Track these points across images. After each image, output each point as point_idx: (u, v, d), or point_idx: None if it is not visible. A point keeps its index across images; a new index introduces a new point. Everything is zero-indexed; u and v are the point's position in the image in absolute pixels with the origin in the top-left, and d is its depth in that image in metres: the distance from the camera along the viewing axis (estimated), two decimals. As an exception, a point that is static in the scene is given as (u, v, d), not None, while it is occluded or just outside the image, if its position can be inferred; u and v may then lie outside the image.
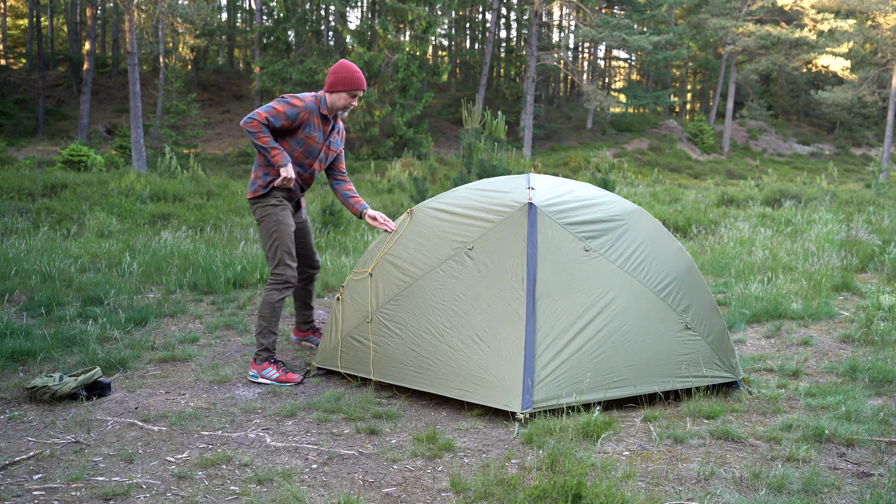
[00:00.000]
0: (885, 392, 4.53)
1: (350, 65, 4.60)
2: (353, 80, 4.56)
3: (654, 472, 3.38)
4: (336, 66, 4.60)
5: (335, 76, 4.55)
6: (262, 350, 4.64)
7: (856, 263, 8.44)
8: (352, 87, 4.56)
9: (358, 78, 4.57)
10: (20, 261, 7.08)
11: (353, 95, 4.59)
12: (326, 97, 4.62)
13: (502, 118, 8.70)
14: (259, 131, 4.43)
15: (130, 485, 3.16)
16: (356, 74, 4.57)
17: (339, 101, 4.60)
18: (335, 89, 4.57)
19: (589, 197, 4.61)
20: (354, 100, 4.63)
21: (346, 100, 4.60)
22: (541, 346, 3.99)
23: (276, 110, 4.45)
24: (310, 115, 4.56)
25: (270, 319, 4.64)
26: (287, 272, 4.64)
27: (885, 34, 30.91)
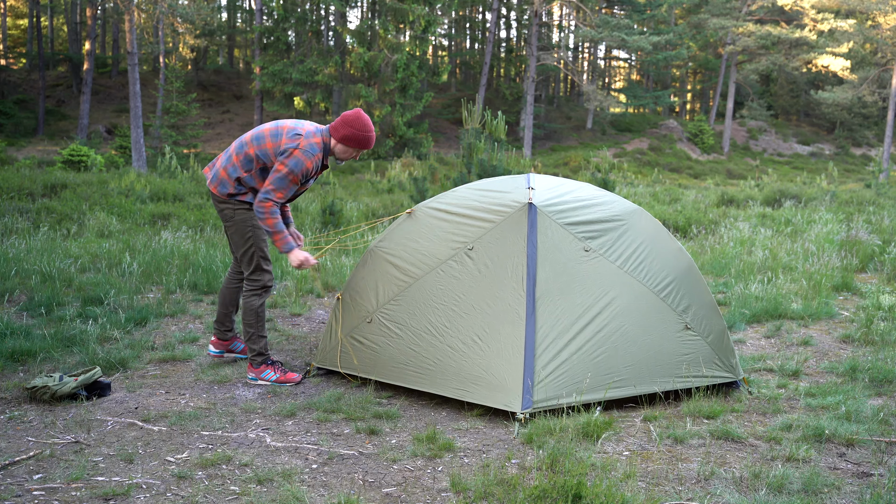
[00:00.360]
0: (885, 392, 4.53)
1: (367, 122, 4.41)
2: (366, 141, 4.41)
3: (654, 472, 3.38)
4: (354, 120, 4.38)
5: (353, 132, 4.36)
6: (256, 355, 4.61)
7: (856, 263, 8.44)
8: (362, 148, 4.45)
9: (372, 139, 4.44)
10: (20, 261, 7.08)
11: (358, 152, 4.48)
12: (332, 143, 4.44)
13: (502, 118, 8.71)
14: (269, 213, 4.30)
15: (130, 485, 3.17)
16: (371, 135, 4.41)
17: (345, 154, 4.46)
18: (347, 143, 4.40)
19: (589, 197, 4.62)
20: (358, 154, 4.51)
21: (350, 154, 4.47)
22: (541, 346, 3.99)
23: (293, 182, 4.31)
24: (316, 172, 4.45)
25: (257, 325, 4.58)
26: (264, 277, 4.57)
27: (885, 34, 30.91)
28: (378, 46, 28.40)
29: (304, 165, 4.30)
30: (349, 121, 4.37)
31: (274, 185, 4.28)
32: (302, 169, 4.30)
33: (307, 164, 4.30)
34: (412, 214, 4.72)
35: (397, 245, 4.61)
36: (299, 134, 4.35)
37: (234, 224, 4.52)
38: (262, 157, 4.37)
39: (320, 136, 4.39)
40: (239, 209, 4.49)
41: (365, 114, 4.43)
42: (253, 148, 4.39)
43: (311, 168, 4.33)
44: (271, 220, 4.31)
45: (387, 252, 4.63)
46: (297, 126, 4.40)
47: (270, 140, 4.36)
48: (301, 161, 4.29)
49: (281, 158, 4.29)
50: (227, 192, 4.46)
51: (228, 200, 4.49)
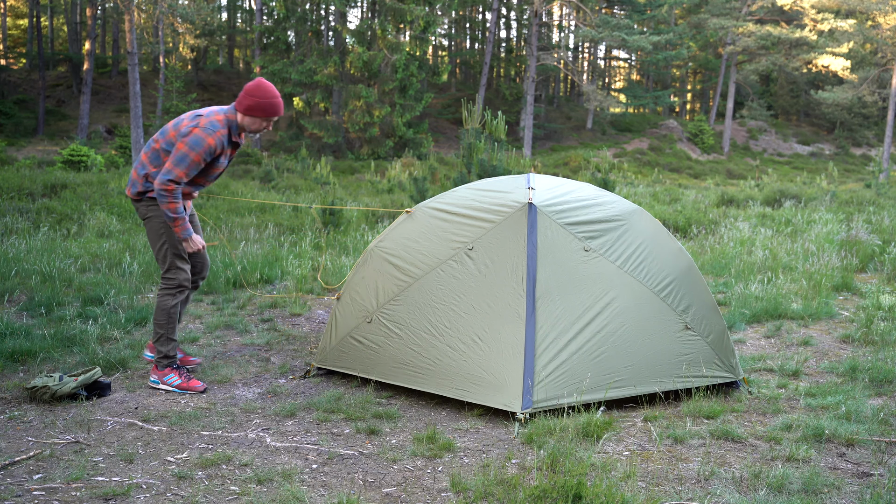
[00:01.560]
0: (885, 392, 4.53)
1: (269, 89, 4.29)
2: (272, 107, 4.28)
3: (654, 472, 3.38)
4: (254, 89, 4.26)
5: (255, 100, 4.25)
6: (162, 357, 4.44)
7: (856, 263, 8.44)
8: (269, 115, 4.30)
9: (277, 104, 4.31)
10: (20, 261, 7.08)
11: (268, 120, 4.34)
12: (239, 118, 4.32)
13: (502, 118, 8.70)
14: (172, 196, 4.17)
15: (130, 485, 3.17)
16: (275, 100, 4.30)
17: (254, 125, 4.33)
18: (252, 113, 4.28)
19: (589, 197, 4.62)
20: (269, 124, 4.38)
21: (259, 124, 4.34)
22: (541, 346, 3.99)
23: (194, 161, 4.17)
24: (222, 150, 4.32)
25: (167, 326, 4.42)
26: (180, 275, 4.43)
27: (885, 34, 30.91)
28: (378, 46, 28.40)
29: (206, 142, 4.16)
30: (250, 91, 4.26)
31: (173, 163, 4.15)
32: (203, 146, 4.16)
33: (209, 141, 4.17)
34: (412, 214, 4.72)
35: (397, 245, 4.61)
36: (199, 115, 4.28)
37: (148, 222, 4.41)
38: (168, 149, 4.28)
39: (223, 114, 4.31)
40: (151, 206, 4.36)
41: (267, 81, 4.33)
42: (159, 142, 4.30)
43: (213, 145, 4.20)
44: (172, 203, 4.18)
45: (387, 252, 4.63)
46: (199, 111, 4.35)
47: (172, 129, 4.29)
48: (201, 138, 4.16)
49: (180, 139, 4.20)
50: (137, 191, 4.36)
51: (141, 199, 4.38)
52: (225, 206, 12.11)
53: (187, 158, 4.16)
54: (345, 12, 31.07)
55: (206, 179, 4.44)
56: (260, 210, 12.01)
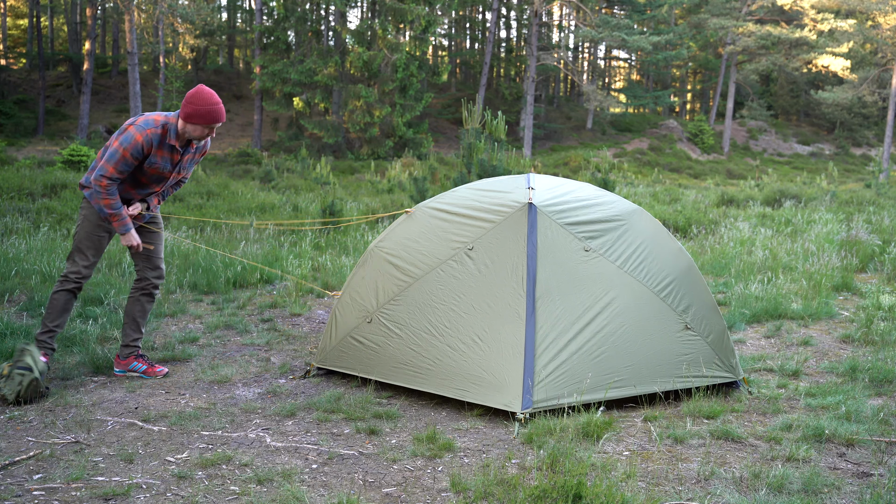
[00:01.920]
0: (885, 392, 4.53)
1: (209, 96, 4.26)
2: (211, 115, 4.25)
3: (654, 472, 3.38)
4: (194, 97, 4.24)
5: (193, 108, 4.23)
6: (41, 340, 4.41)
7: (856, 263, 8.44)
8: (209, 122, 4.28)
9: (217, 111, 4.27)
10: (20, 261, 7.08)
11: (209, 128, 4.32)
12: (180, 125, 4.31)
13: (502, 118, 8.71)
14: (106, 192, 4.21)
15: (130, 485, 3.16)
16: (215, 108, 4.26)
17: (195, 132, 4.31)
18: (192, 121, 4.26)
19: (589, 197, 4.62)
20: (212, 131, 4.37)
21: (201, 132, 4.32)
22: (541, 346, 3.99)
23: (123, 156, 4.20)
24: (153, 149, 4.28)
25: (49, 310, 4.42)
26: (73, 266, 4.41)
27: (885, 34, 30.91)
28: (378, 46, 28.40)
29: (134, 138, 4.18)
30: (190, 98, 4.25)
31: (105, 159, 4.22)
32: (131, 142, 4.18)
33: (137, 138, 4.19)
34: (412, 214, 4.72)
35: (397, 245, 4.61)
36: (141, 115, 4.35)
37: (80, 215, 4.47)
38: None
39: (164, 116, 4.33)
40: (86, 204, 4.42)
41: (207, 88, 4.31)
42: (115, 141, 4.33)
43: (141, 142, 4.19)
44: (108, 199, 4.23)
45: (387, 252, 4.63)
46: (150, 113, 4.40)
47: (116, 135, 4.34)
48: (131, 135, 4.19)
49: (115, 136, 4.27)
50: (81, 183, 4.43)
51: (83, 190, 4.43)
52: (225, 205, 12.12)
53: (116, 154, 4.21)
54: (345, 12, 31.08)
55: (147, 180, 4.43)
56: (260, 210, 12.01)
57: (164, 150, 4.34)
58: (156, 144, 4.28)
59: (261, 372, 4.82)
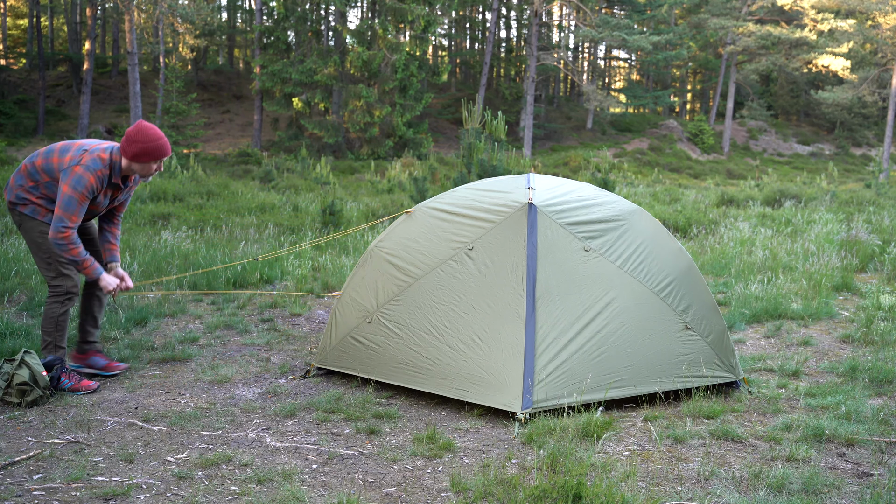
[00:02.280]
0: (885, 392, 4.53)
1: (152, 132, 4.19)
2: (159, 150, 4.19)
3: (654, 472, 3.38)
4: (137, 134, 4.16)
5: (140, 146, 4.15)
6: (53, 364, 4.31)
7: (856, 263, 8.44)
8: (157, 158, 4.22)
9: (163, 145, 4.21)
10: (20, 261, 7.08)
11: (158, 162, 4.26)
12: (123, 162, 4.21)
13: (502, 118, 8.71)
14: (70, 243, 4.09)
15: (130, 485, 3.16)
16: (160, 142, 4.19)
17: (142, 169, 4.24)
18: (140, 159, 4.18)
19: (589, 197, 4.62)
20: (160, 165, 4.30)
21: (149, 168, 4.25)
22: (541, 346, 3.99)
23: (81, 201, 4.10)
24: (101, 186, 4.20)
25: (56, 335, 4.33)
26: (66, 283, 4.30)
27: (885, 34, 30.91)
28: (378, 46, 28.40)
29: (87, 181, 4.09)
30: (132, 137, 4.17)
31: (63, 209, 4.08)
32: (85, 185, 4.09)
33: (90, 180, 4.10)
34: (412, 214, 4.72)
35: (397, 245, 4.61)
36: (85, 150, 4.18)
37: (24, 231, 4.32)
38: (46, 170, 4.21)
39: (108, 153, 4.22)
40: (24, 217, 4.29)
41: (147, 123, 4.24)
42: (41, 160, 4.23)
43: (94, 184, 4.12)
44: (75, 249, 4.12)
45: (387, 252, 4.63)
46: (86, 143, 4.26)
47: (58, 155, 4.21)
48: (82, 177, 4.09)
49: (63, 178, 4.11)
50: (10, 200, 4.30)
51: (13, 209, 4.32)
52: (225, 205, 12.12)
53: (73, 201, 4.08)
54: (345, 12, 31.08)
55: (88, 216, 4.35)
56: (260, 210, 12.01)
57: (108, 188, 4.27)
58: (104, 184, 4.21)
59: (261, 372, 4.82)
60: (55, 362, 4.26)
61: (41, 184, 4.25)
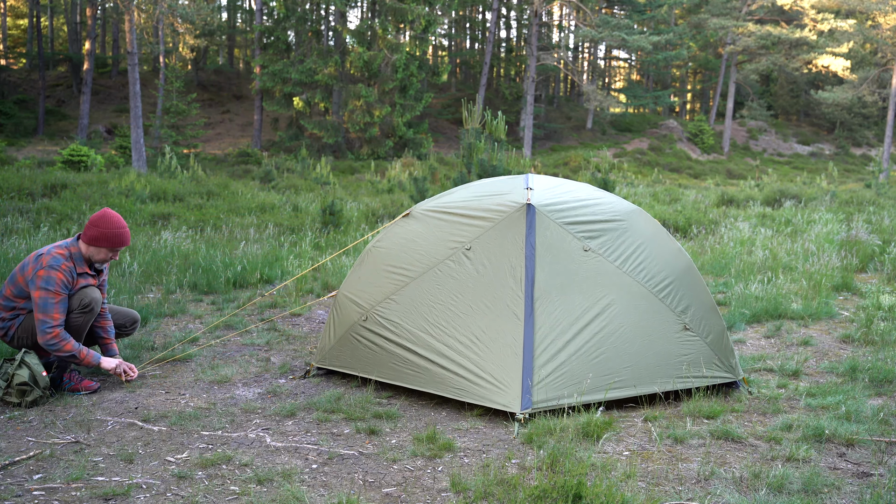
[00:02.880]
0: (885, 392, 4.53)
1: (115, 219, 4.26)
2: (117, 237, 4.24)
3: (654, 472, 3.38)
4: (99, 220, 4.23)
5: (98, 231, 4.20)
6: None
7: (856, 263, 8.44)
8: (115, 245, 4.26)
9: (123, 234, 4.26)
10: (20, 261, 7.07)
11: (114, 251, 4.30)
12: (83, 248, 4.26)
13: (502, 118, 8.71)
14: (61, 340, 4.10)
15: (130, 485, 3.17)
16: (121, 231, 4.25)
17: (99, 255, 4.27)
18: (97, 244, 4.22)
19: (588, 197, 4.61)
20: (116, 254, 4.33)
21: (105, 255, 4.29)
22: (540, 347, 3.99)
23: (58, 297, 4.11)
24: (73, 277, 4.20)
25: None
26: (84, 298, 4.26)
27: (885, 34, 30.91)
28: (378, 46, 28.39)
29: (56, 278, 4.10)
30: (94, 221, 4.23)
31: (42, 312, 4.08)
32: (55, 281, 4.10)
33: (58, 276, 4.11)
34: (411, 214, 4.72)
35: (395, 245, 4.61)
36: (41, 254, 4.19)
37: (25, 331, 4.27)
38: (18, 294, 4.23)
39: (65, 247, 4.24)
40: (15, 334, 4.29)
41: (112, 212, 4.28)
42: (9, 288, 4.22)
43: (63, 278, 4.12)
44: (67, 345, 4.12)
45: (385, 251, 4.63)
46: (42, 249, 4.25)
47: (20, 274, 4.21)
48: (50, 276, 4.09)
49: (32, 288, 4.12)
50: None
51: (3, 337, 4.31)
52: (225, 205, 12.12)
53: (48, 301, 4.09)
54: (345, 12, 31.07)
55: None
56: (260, 210, 12.01)
57: (81, 278, 4.28)
58: (75, 276, 4.23)
59: (261, 372, 4.82)
60: (54, 362, 4.27)
61: (18, 308, 4.26)
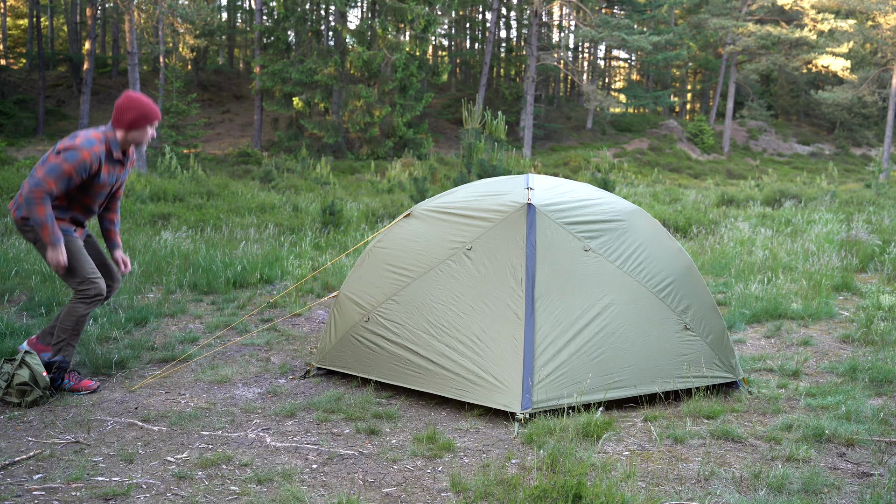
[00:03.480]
0: (885, 392, 4.53)
1: (142, 98, 4.33)
2: (153, 112, 4.33)
3: (654, 472, 3.38)
4: (127, 103, 4.29)
5: (135, 112, 4.27)
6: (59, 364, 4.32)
7: (856, 263, 8.44)
8: (152, 119, 4.33)
9: (155, 109, 4.36)
10: (20, 261, 7.08)
11: (152, 126, 4.38)
12: (119, 135, 4.32)
13: (502, 118, 8.71)
14: (41, 202, 4.11)
15: (130, 485, 3.16)
16: (153, 106, 4.35)
17: (141, 136, 4.35)
18: (136, 126, 4.30)
19: (588, 197, 4.61)
20: (153, 129, 4.42)
21: (146, 134, 4.36)
22: (540, 347, 3.99)
23: (66, 172, 4.13)
24: (100, 165, 4.26)
25: (72, 334, 4.34)
26: (95, 287, 4.33)
27: (885, 34, 30.91)
28: (378, 46, 28.39)
29: (80, 155, 4.14)
30: (123, 107, 4.29)
31: (44, 172, 4.12)
32: (77, 159, 4.13)
33: (83, 154, 4.15)
34: (411, 214, 4.72)
35: (396, 245, 4.61)
36: (76, 135, 4.25)
37: (39, 246, 4.35)
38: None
39: (101, 132, 4.30)
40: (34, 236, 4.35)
41: (134, 92, 4.38)
42: (40, 170, 4.20)
43: (88, 159, 4.16)
44: (42, 209, 4.11)
45: (385, 251, 4.63)
46: (76, 132, 4.32)
47: (52, 154, 4.22)
48: (76, 152, 4.14)
49: (52, 152, 4.20)
50: (21, 216, 4.33)
51: (25, 224, 4.33)
52: (225, 205, 12.12)
53: (58, 169, 4.12)
54: (345, 12, 31.07)
55: (92, 200, 4.38)
56: (260, 210, 12.01)
57: (110, 164, 4.33)
58: (103, 160, 4.26)
59: (261, 372, 4.82)
60: (55, 362, 4.27)
61: None
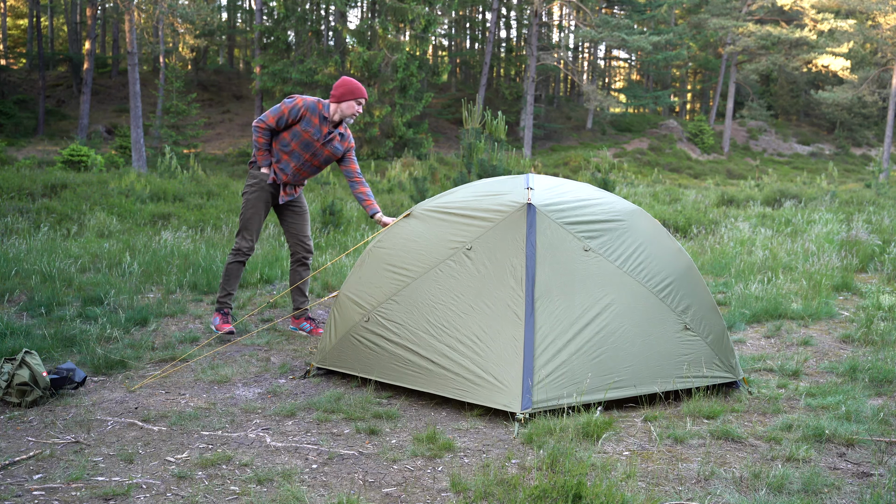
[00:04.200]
0: (885, 392, 4.53)
1: (352, 79, 5.29)
2: (359, 89, 5.27)
3: (654, 472, 3.38)
4: (340, 81, 5.29)
5: (343, 88, 5.24)
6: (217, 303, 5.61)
7: (856, 263, 8.44)
8: (358, 95, 5.27)
9: (361, 87, 5.31)
10: (20, 261, 7.08)
11: (359, 102, 5.30)
12: (332, 106, 5.28)
13: (502, 118, 8.71)
14: (261, 133, 5.30)
15: (130, 485, 3.17)
16: (359, 85, 5.30)
17: (350, 109, 5.28)
18: (345, 99, 5.24)
19: (588, 197, 4.61)
20: (360, 106, 5.34)
21: (353, 107, 5.28)
22: (540, 347, 3.99)
23: (282, 112, 5.23)
24: (309, 113, 5.23)
25: (225, 280, 5.52)
26: (242, 244, 5.47)
27: (885, 34, 30.91)
28: (378, 46, 28.38)
29: (295, 101, 5.23)
30: (338, 84, 5.27)
31: (271, 112, 5.26)
32: (292, 102, 5.22)
33: (297, 101, 5.22)
34: (411, 214, 4.72)
35: (396, 245, 4.61)
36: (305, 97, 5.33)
37: (244, 197, 5.49)
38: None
39: (322, 102, 5.31)
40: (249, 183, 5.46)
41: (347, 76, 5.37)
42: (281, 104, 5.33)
43: (300, 105, 5.20)
44: (261, 139, 5.31)
45: (385, 251, 4.63)
46: None
47: None
48: (296, 101, 5.23)
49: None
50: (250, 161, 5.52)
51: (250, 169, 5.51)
52: (225, 205, 12.12)
53: (278, 109, 5.23)
54: (345, 12, 31.08)
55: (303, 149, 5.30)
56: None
57: (317, 118, 5.25)
58: (311, 111, 5.23)
59: (261, 372, 4.82)
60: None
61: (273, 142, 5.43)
